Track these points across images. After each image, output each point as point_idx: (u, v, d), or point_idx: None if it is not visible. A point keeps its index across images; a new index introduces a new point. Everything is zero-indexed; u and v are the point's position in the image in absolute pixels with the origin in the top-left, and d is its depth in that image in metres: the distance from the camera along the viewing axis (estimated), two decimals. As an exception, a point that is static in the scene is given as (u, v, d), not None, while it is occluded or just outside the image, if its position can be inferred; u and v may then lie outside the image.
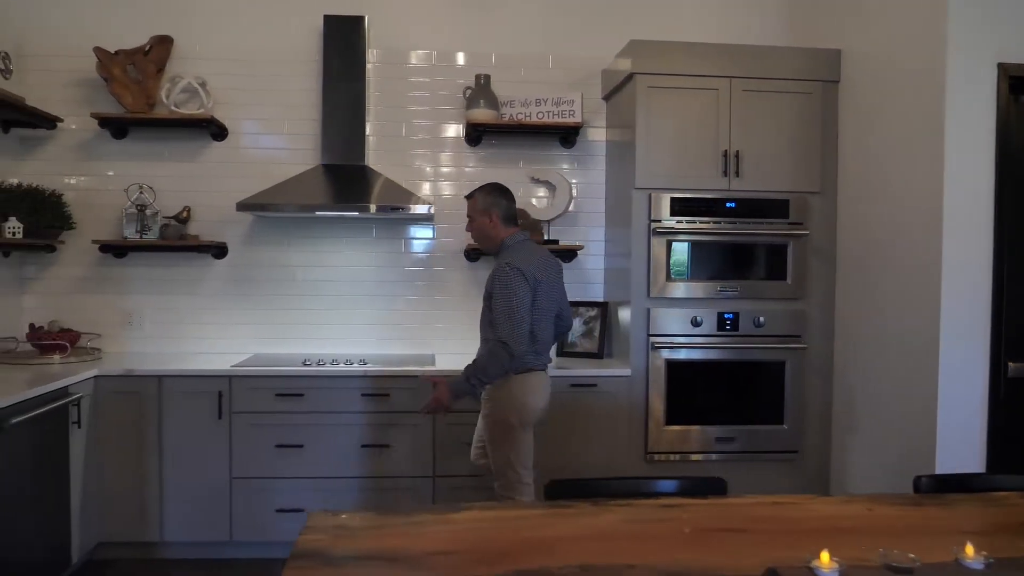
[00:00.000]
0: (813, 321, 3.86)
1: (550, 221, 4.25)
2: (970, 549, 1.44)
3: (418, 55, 4.30)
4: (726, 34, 4.19)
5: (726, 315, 3.82)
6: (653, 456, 3.80)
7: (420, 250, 4.33)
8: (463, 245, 4.21)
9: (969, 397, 3.08)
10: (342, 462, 3.67)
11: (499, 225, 3.18)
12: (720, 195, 3.80)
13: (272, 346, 4.21)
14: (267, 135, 4.22)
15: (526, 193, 4.30)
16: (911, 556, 1.41)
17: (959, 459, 3.05)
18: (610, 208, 4.27)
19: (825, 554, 1.38)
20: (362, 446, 3.68)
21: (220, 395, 3.60)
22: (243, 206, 3.79)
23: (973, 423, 3.08)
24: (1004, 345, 3.07)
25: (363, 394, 3.67)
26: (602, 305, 4.20)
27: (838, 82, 3.83)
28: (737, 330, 3.82)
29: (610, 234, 4.27)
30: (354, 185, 4.05)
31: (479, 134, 4.23)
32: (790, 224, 3.82)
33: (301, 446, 3.65)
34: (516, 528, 1.78)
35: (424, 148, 4.31)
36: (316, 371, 3.69)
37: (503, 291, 2.99)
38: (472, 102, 4.13)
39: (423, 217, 4.19)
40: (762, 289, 3.84)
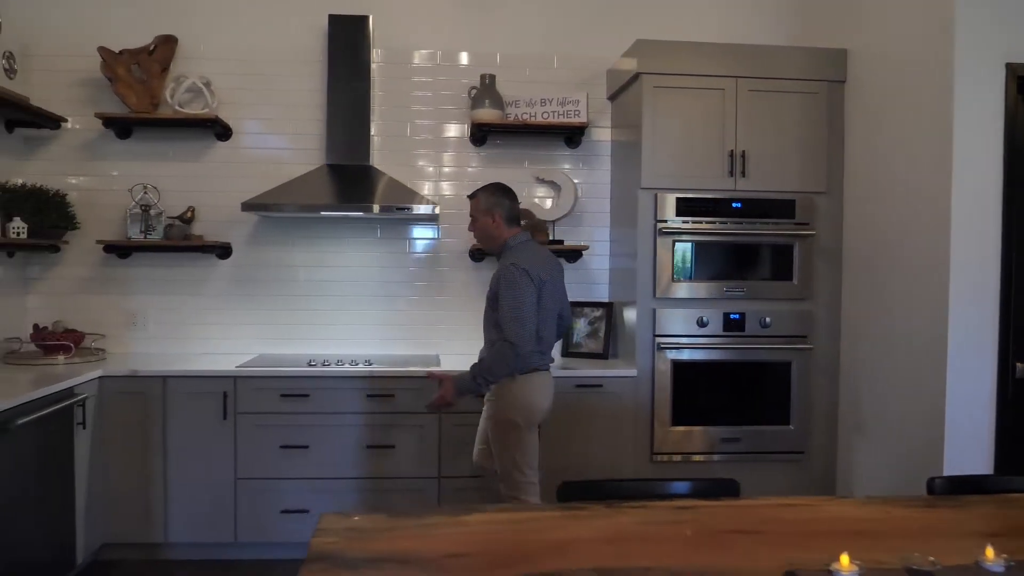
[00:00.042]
0: (819, 321, 3.85)
1: (555, 221, 4.24)
2: (990, 551, 1.43)
3: (423, 55, 4.29)
4: (731, 34, 4.18)
5: (732, 315, 3.81)
6: (659, 457, 3.79)
7: (424, 250, 4.32)
8: (468, 245, 4.20)
9: (977, 398, 3.07)
10: (347, 463, 3.66)
11: (502, 225, 3.17)
12: (726, 195, 3.79)
13: (276, 347, 4.20)
14: (271, 135, 4.21)
15: (531, 193, 4.30)
16: (931, 559, 1.40)
17: (967, 460, 3.04)
18: (615, 208, 4.26)
19: (845, 557, 1.37)
20: (367, 447, 3.67)
21: (225, 396, 3.59)
22: (248, 206, 3.78)
23: (981, 424, 3.07)
24: (1012, 345, 3.06)
25: (368, 395, 3.66)
26: (607, 305, 4.19)
27: (844, 82, 3.83)
28: (743, 331, 3.81)
29: (615, 234, 4.26)
30: (359, 185, 4.04)
31: (484, 134, 4.22)
32: (796, 224, 3.82)
33: (306, 447, 3.64)
34: (529, 530, 1.77)
35: (428, 148, 4.30)
36: (321, 372, 3.68)
37: (509, 291, 2.98)
38: (477, 102, 4.12)
39: (427, 217, 4.18)
40: (768, 289, 3.83)
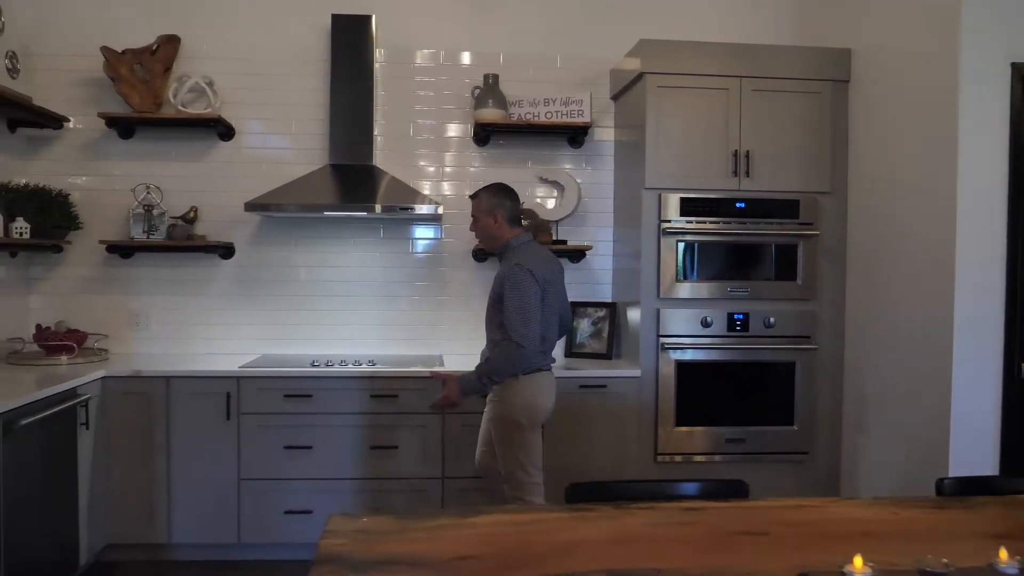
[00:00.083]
0: (823, 322, 3.85)
1: (558, 221, 4.23)
2: (1004, 553, 1.42)
3: (426, 55, 4.28)
4: (735, 33, 4.17)
5: (736, 316, 3.80)
6: (663, 457, 3.79)
7: (428, 250, 4.31)
8: (471, 245, 4.19)
9: (982, 398, 3.06)
10: (351, 463, 3.65)
11: (504, 226, 3.17)
12: (730, 195, 3.78)
13: (279, 347, 4.19)
14: (274, 135, 4.20)
15: (534, 193, 4.29)
16: (944, 561, 1.39)
17: (972, 460, 3.04)
18: (618, 208, 4.26)
19: (858, 559, 1.36)
20: (371, 447, 3.66)
21: (228, 396, 3.58)
22: (251, 206, 3.78)
23: (986, 424, 3.07)
24: (1018, 345, 3.05)
25: (372, 395, 3.65)
26: (610, 306, 4.18)
27: (848, 82, 3.82)
28: (747, 331, 3.81)
29: (618, 234, 4.26)
30: (362, 185, 4.03)
31: (487, 134, 4.21)
32: (800, 224, 3.81)
33: (310, 447, 3.63)
34: (538, 532, 1.76)
35: (431, 148, 4.29)
36: (325, 372, 3.67)
37: (516, 292, 2.98)
38: (480, 102, 4.11)
39: (431, 217, 4.18)
40: (772, 290, 3.83)
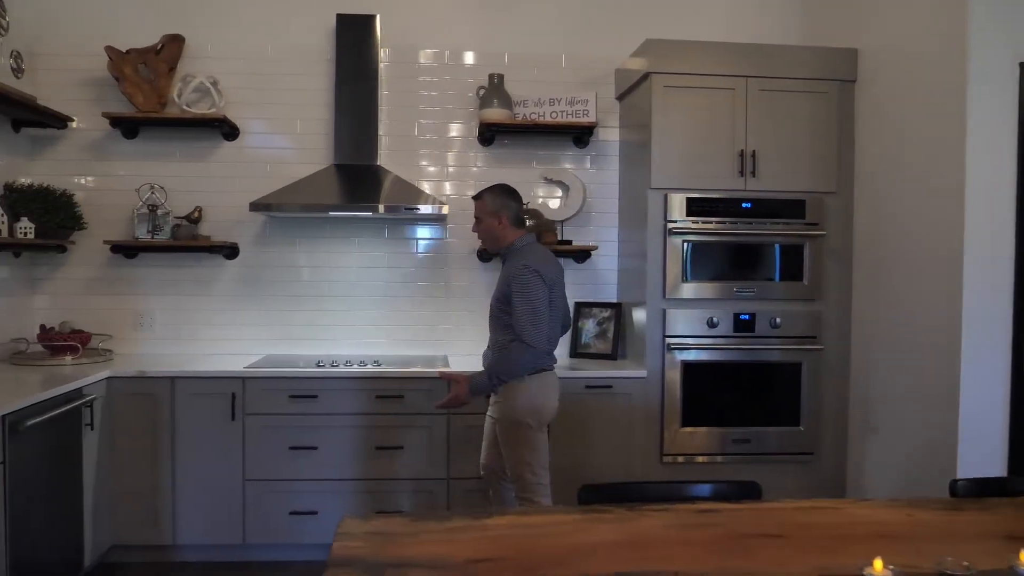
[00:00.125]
0: (830, 322, 3.84)
1: (563, 221, 4.22)
2: (1024, 556, 1.42)
3: (430, 54, 4.27)
4: (741, 33, 4.16)
5: (742, 316, 3.80)
6: (669, 458, 3.78)
7: (432, 250, 4.30)
8: (475, 245, 4.18)
9: (991, 398, 3.05)
10: (356, 464, 3.64)
11: (508, 227, 3.16)
12: (736, 195, 3.78)
13: (284, 347, 4.18)
14: (279, 135, 4.19)
15: (539, 193, 4.28)
16: (965, 564, 1.39)
17: (980, 460, 3.03)
18: (623, 208, 4.25)
19: (878, 561, 1.36)
20: (376, 448, 3.65)
21: (233, 397, 3.57)
22: (256, 206, 3.77)
23: (994, 424, 3.06)
24: (1027, 346, 3.06)
25: (377, 396, 3.64)
26: (616, 306, 4.18)
27: (855, 82, 3.81)
28: (753, 331, 3.80)
29: (624, 234, 4.25)
30: (366, 185, 4.02)
31: (492, 134, 4.20)
32: (806, 224, 3.81)
33: (315, 448, 3.62)
34: (552, 534, 1.75)
35: (436, 148, 4.28)
36: (330, 372, 3.66)
37: (524, 293, 2.97)
38: (486, 101, 4.10)
39: (435, 217, 4.17)
40: (778, 290, 3.83)
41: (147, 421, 3.55)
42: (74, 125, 4.05)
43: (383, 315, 4.25)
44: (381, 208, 3.85)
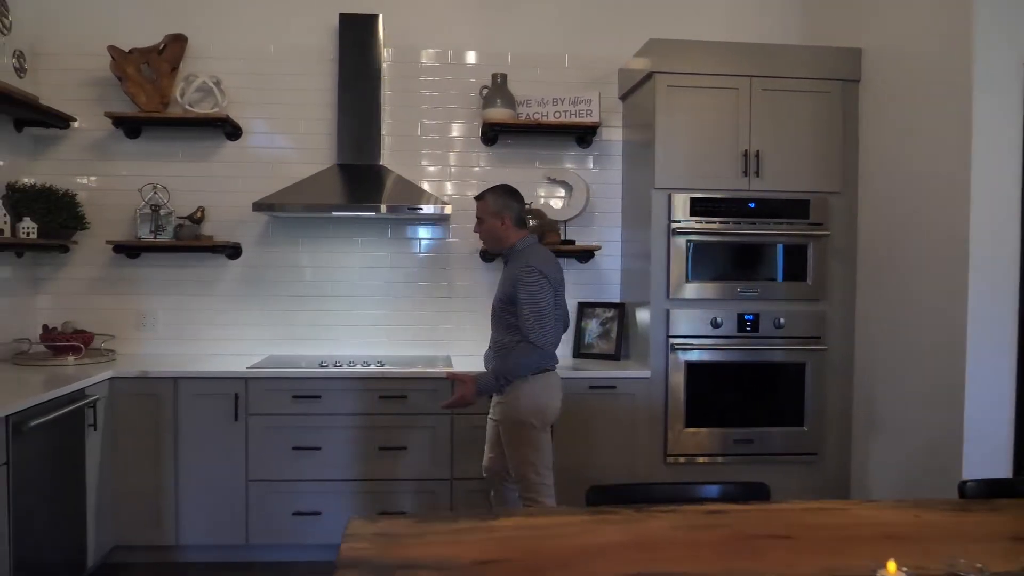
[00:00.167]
0: (834, 322, 3.84)
1: (566, 221, 4.22)
2: (1035, 557, 1.42)
3: (433, 54, 4.26)
4: (745, 33, 4.16)
5: (746, 316, 3.79)
6: (673, 459, 3.77)
7: (435, 250, 4.30)
8: (478, 245, 4.17)
9: (996, 398, 3.04)
10: (359, 464, 3.64)
11: (511, 228, 3.15)
12: (740, 195, 3.77)
13: (287, 347, 4.18)
14: (281, 134, 4.19)
15: (542, 193, 4.28)
16: (978, 565, 1.38)
17: (985, 461, 3.02)
18: (627, 208, 4.25)
19: (892, 563, 1.35)
20: (379, 448, 3.64)
21: (236, 397, 3.56)
22: (259, 206, 3.76)
23: (1000, 424, 3.05)
24: (1031, 346, 3.05)
25: (380, 396, 3.64)
26: (619, 306, 4.17)
27: (858, 81, 3.81)
28: (757, 331, 3.80)
29: (627, 235, 4.24)
30: (369, 185, 4.02)
31: (495, 133, 4.20)
32: (810, 224, 3.80)
33: (318, 448, 3.61)
34: (560, 535, 1.75)
35: (439, 148, 4.28)
36: (333, 373, 3.65)
37: (530, 294, 2.97)
38: (489, 101, 4.10)
39: (438, 217, 4.16)
40: (782, 290, 3.82)
41: (150, 421, 3.54)
42: (77, 125, 4.04)
43: (385, 315, 4.25)
44: (384, 208, 3.85)
